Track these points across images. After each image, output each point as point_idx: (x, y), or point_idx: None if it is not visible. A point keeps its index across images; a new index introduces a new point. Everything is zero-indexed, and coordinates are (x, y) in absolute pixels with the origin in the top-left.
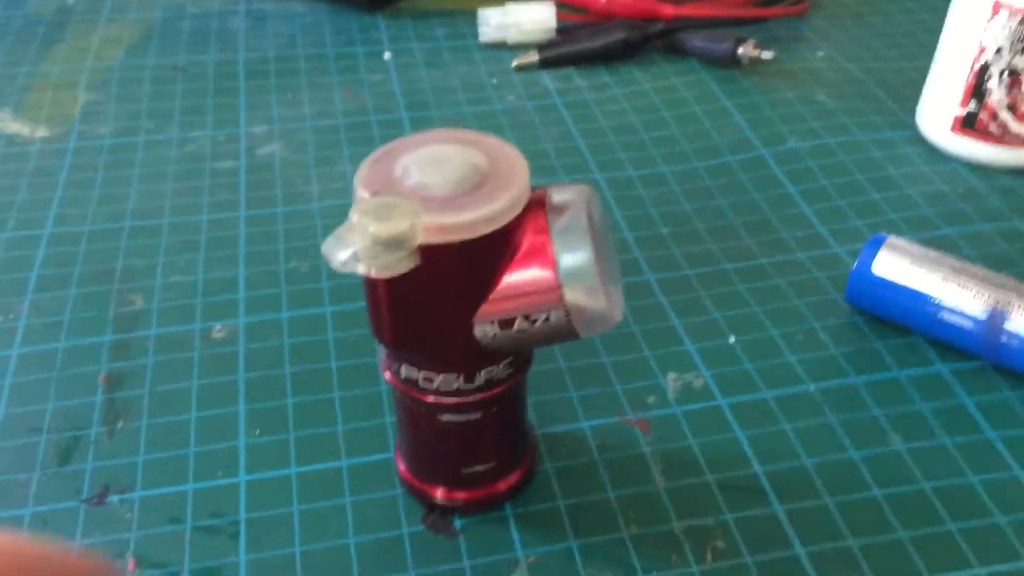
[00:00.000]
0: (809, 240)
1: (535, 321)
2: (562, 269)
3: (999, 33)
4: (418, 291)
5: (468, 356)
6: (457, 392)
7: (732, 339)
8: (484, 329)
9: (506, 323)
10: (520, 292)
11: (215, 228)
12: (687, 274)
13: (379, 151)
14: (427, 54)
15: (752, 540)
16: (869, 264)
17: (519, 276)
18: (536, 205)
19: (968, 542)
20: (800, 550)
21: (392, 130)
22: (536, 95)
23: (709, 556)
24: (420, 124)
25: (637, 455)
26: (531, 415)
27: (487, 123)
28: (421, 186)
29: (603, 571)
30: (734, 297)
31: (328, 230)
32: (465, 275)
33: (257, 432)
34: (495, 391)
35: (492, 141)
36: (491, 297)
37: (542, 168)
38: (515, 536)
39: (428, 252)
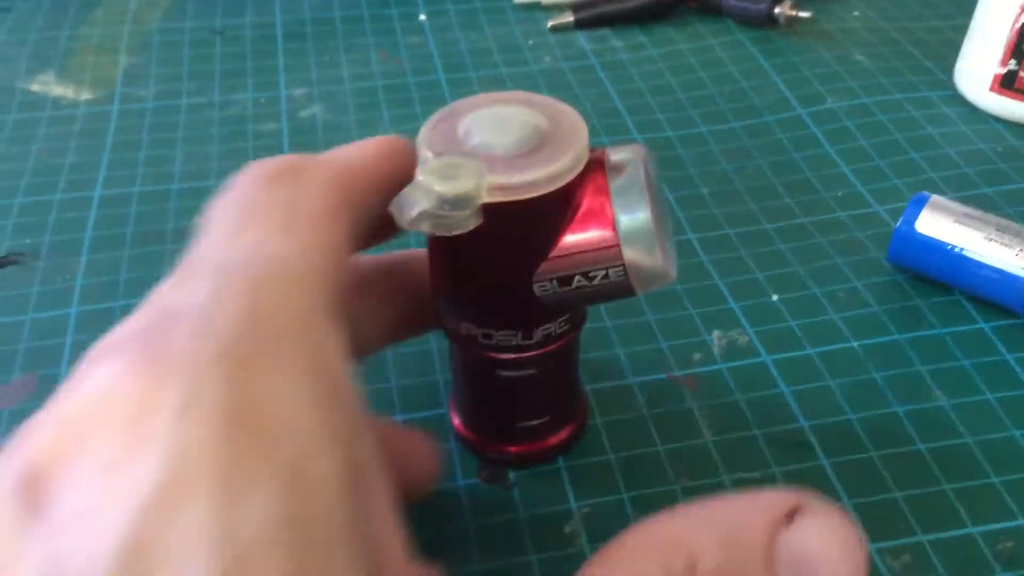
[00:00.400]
0: (849, 199)
1: (594, 279)
2: (621, 228)
3: None
4: (481, 249)
5: (527, 313)
6: (515, 348)
7: (775, 297)
8: (544, 286)
9: (565, 280)
10: (579, 250)
11: None
12: (728, 233)
13: (440, 112)
14: (462, 15)
15: None
16: (912, 223)
17: (579, 235)
18: (595, 165)
19: (1011, 494)
20: (847, 501)
21: (430, 91)
22: (572, 56)
23: None
24: (458, 86)
25: (685, 410)
26: (581, 372)
27: (525, 84)
28: (484, 146)
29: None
30: (776, 256)
31: None
32: (527, 233)
33: None
34: (551, 347)
35: (550, 102)
36: (551, 255)
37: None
38: (568, 488)
39: (492, 211)
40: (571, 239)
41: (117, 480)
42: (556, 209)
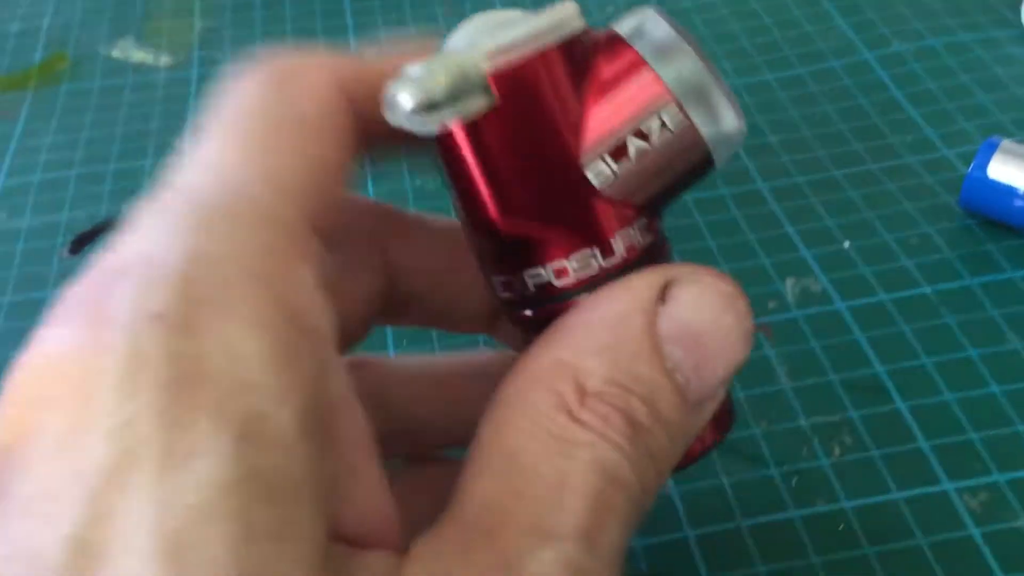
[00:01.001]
0: (918, 144)
1: (650, 135)
2: (654, 58)
3: None
4: (509, 139)
5: (593, 214)
6: (598, 277)
7: (847, 244)
8: (598, 168)
9: (618, 151)
10: (619, 102)
11: None
12: (798, 181)
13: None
14: None
15: (877, 435)
16: (984, 168)
17: (613, 90)
18: (607, 32)
19: None
20: (923, 443)
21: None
22: (636, 2)
23: (837, 450)
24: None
25: (762, 357)
26: None
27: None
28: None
29: (737, 463)
30: (846, 203)
31: None
32: (552, 101)
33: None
34: (642, 259)
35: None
36: (589, 123)
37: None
38: None
39: (502, 82)
40: (605, 98)
41: (67, 462)
42: (574, 69)
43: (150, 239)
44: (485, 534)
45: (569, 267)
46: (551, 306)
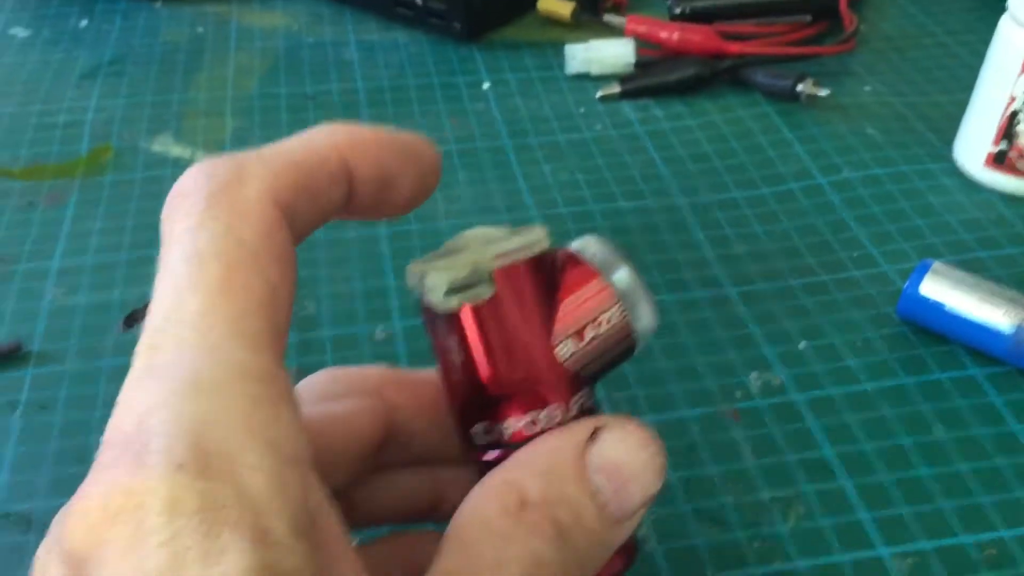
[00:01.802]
0: (863, 260)
1: (600, 325)
2: (603, 271)
3: None
4: (503, 320)
5: (560, 381)
6: (555, 415)
7: (802, 344)
8: (564, 346)
9: (578, 335)
10: (579, 301)
11: (362, 243)
12: (762, 288)
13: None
14: (520, 84)
15: (825, 507)
16: (917, 286)
17: (575, 291)
18: (564, 252)
19: (996, 511)
20: (864, 515)
21: (498, 156)
22: (620, 124)
23: (792, 519)
24: (521, 152)
25: (731, 439)
26: (642, 405)
27: (580, 150)
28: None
29: (710, 529)
30: (801, 309)
31: None
32: (537, 294)
33: None
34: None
35: (509, 229)
36: (559, 315)
37: (630, 192)
38: None
39: (502, 277)
40: (569, 299)
41: (133, 563)
42: (548, 272)
43: (160, 401)
44: None
45: (538, 420)
46: (497, 454)
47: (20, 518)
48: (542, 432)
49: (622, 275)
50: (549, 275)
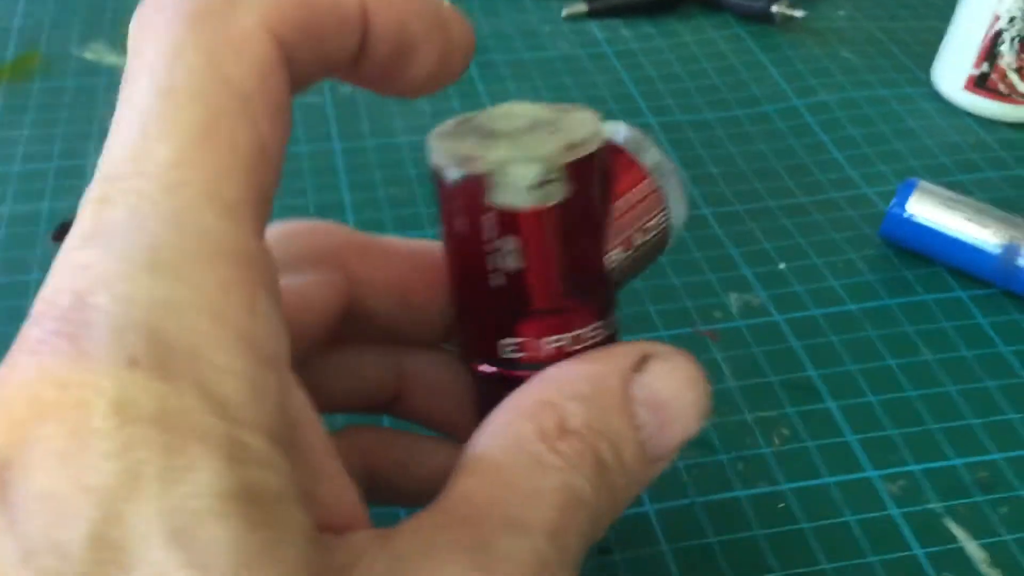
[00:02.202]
0: (842, 182)
1: (647, 232)
2: (656, 175)
3: (1012, 5)
4: (572, 222)
5: (605, 294)
6: (593, 334)
7: (782, 265)
8: (611, 256)
9: (626, 242)
10: (630, 205)
11: (316, 158)
12: (738, 209)
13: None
14: (483, 2)
15: (811, 429)
16: (903, 204)
17: (627, 194)
18: (612, 145)
19: (985, 432)
20: (850, 436)
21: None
22: (587, 43)
23: (776, 440)
24: (485, 69)
25: (710, 359)
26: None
27: (545, 69)
28: (508, 128)
29: (692, 450)
30: (781, 230)
31: (417, 163)
32: (598, 195)
33: None
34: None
35: (565, 106)
36: (611, 219)
37: (601, 112)
38: None
39: (574, 172)
40: (620, 201)
41: (71, 474)
42: (609, 168)
43: (109, 275)
44: (464, 520)
45: (582, 338)
46: (522, 372)
47: None
48: (580, 351)
49: (668, 172)
50: (604, 171)
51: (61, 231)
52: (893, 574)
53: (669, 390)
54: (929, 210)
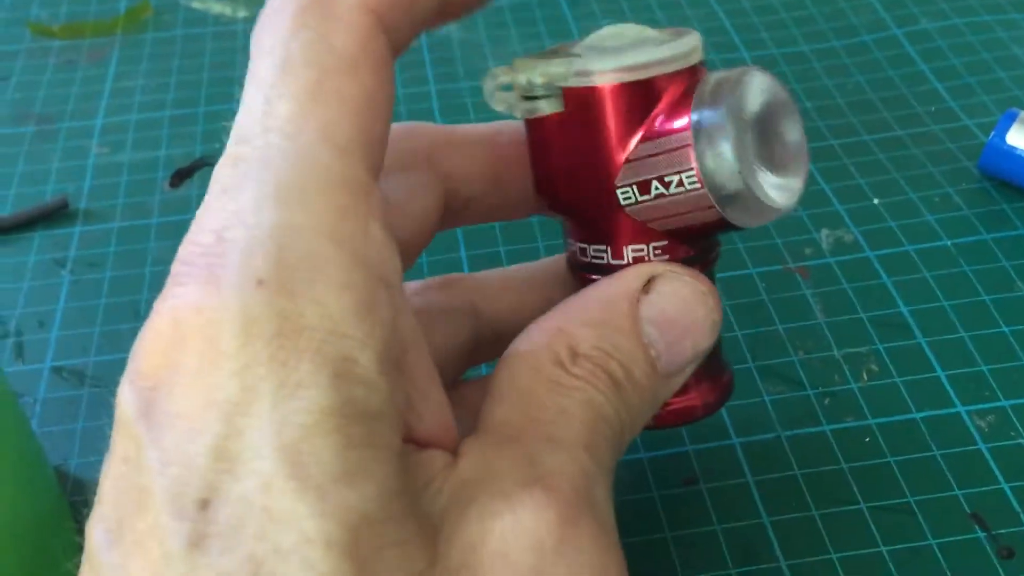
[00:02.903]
0: (941, 114)
1: (669, 184)
2: (697, 129)
3: None
4: (565, 140)
5: (612, 224)
6: (606, 270)
7: (876, 201)
8: (626, 192)
9: (644, 187)
10: (655, 151)
11: (412, 101)
12: (832, 143)
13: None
14: None
15: (900, 365)
16: (1004, 135)
17: (657, 135)
18: (693, 78)
19: None
20: (940, 372)
21: (552, 10)
22: None
23: (865, 376)
24: (576, 5)
25: (799, 296)
26: None
27: (637, 3)
28: (591, 47)
29: (778, 386)
30: (875, 165)
31: None
32: (606, 126)
33: None
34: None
35: (675, 29)
36: (632, 153)
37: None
38: None
39: (574, 97)
40: (649, 139)
41: (202, 393)
42: (637, 104)
43: (242, 211)
44: (510, 439)
45: (588, 250)
46: (580, 273)
47: (72, 373)
48: (603, 269)
49: (723, 151)
50: (646, 103)
51: (177, 177)
52: (979, 506)
53: (676, 307)
54: None
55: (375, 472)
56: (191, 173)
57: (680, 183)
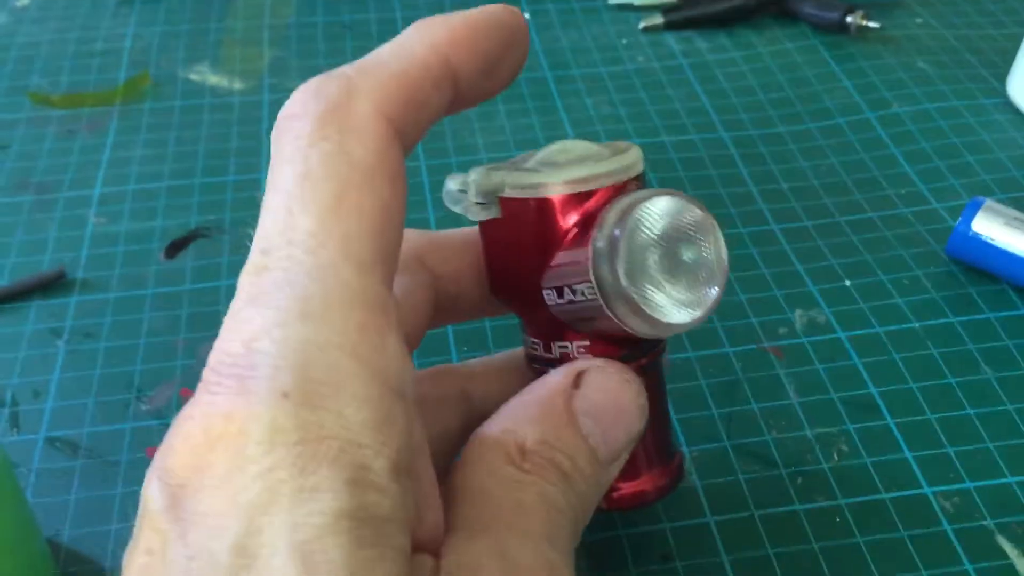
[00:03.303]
0: (911, 197)
1: (576, 292)
2: (595, 245)
3: None
4: (503, 243)
5: (540, 320)
6: (541, 361)
7: (848, 282)
8: (549, 293)
9: (559, 291)
10: (568, 260)
11: None
12: (807, 225)
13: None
14: (562, 15)
15: (869, 445)
16: (969, 222)
17: (571, 245)
18: (615, 192)
19: None
20: (908, 453)
21: (539, 87)
22: (663, 56)
23: (836, 456)
24: (562, 83)
25: (773, 375)
26: (685, 341)
27: (622, 83)
28: (540, 162)
29: (752, 464)
30: (848, 246)
31: None
32: (535, 234)
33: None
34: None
35: (623, 144)
36: (552, 262)
37: (673, 127)
38: (680, 435)
39: (508, 206)
40: (566, 249)
41: (229, 494)
42: (564, 216)
43: (269, 325)
44: (480, 533)
45: (529, 340)
46: (529, 363)
47: (66, 444)
48: (547, 363)
49: (610, 269)
50: (566, 215)
51: (172, 248)
52: None
53: (605, 397)
54: (994, 229)
55: (383, 571)
56: (186, 244)
57: (583, 293)
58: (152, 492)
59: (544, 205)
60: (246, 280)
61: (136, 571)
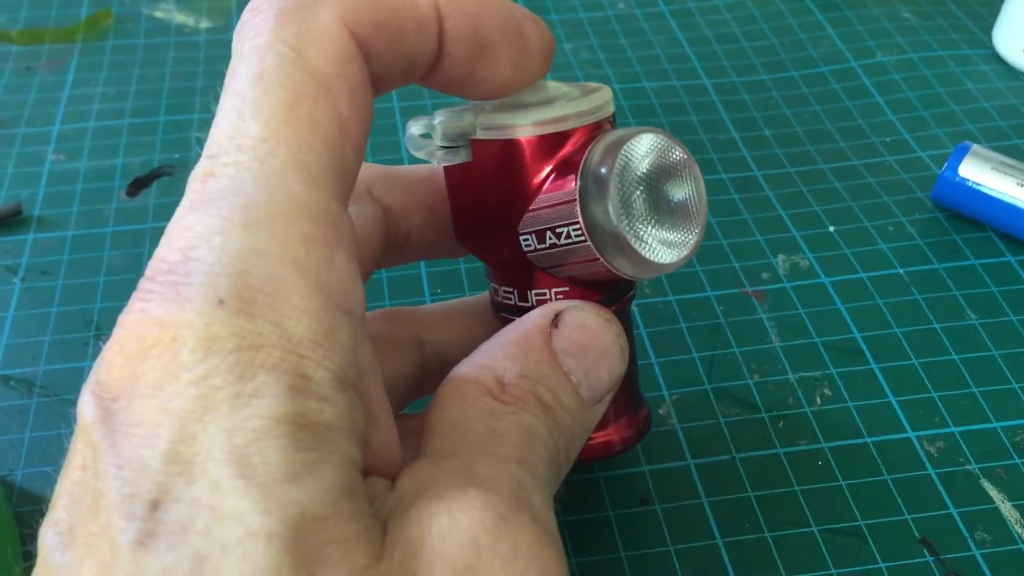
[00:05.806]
0: (896, 145)
1: (560, 236)
2: (582, 185)
3: None
4: (473, 187)
5: (516, 268)
6: (514, 310)
7: (831, 228)
8: (527, 240)
9: (540, 236)
10: (549, 203)
11: (378, 116)
12: (790, 171)
13: None
14: None
15: (853, 390)
16: (955, 168)
17: (552, 188)
18: (592, 133)
19: None
20: (892, 398)
21: None
22: (643, 3)
23: (818, 400)
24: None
25: (755, 320)
26: (665, 285)
27: (602, 28)
28: (509, 102)
29: (732, 408)
30: (831, 193)
31: None
32: (510, 177)
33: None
34: None
35: (592, 85)
36: (532, 207)
37: (655, 72)
38: (660, 379)
39: (479, 149)
40: (546, 191)
41: (160, 401)
42: (538, 158)
43: (209, 233)
44: (446, 456)
45: (499, 290)
46: (496, 313)
47: (21, 382)
48: (513, 311)
49: (602, 208)
50: (542, 156)
51: (134, 186)
52: (928, 531)
53: (586, 336)
54: (981, 174)
55: (323, 473)
56: (149, 182)
57: (568, 235)
58: (85, 406)
59: (517, 147)
60: (192, 186)
61: (67, 487)
